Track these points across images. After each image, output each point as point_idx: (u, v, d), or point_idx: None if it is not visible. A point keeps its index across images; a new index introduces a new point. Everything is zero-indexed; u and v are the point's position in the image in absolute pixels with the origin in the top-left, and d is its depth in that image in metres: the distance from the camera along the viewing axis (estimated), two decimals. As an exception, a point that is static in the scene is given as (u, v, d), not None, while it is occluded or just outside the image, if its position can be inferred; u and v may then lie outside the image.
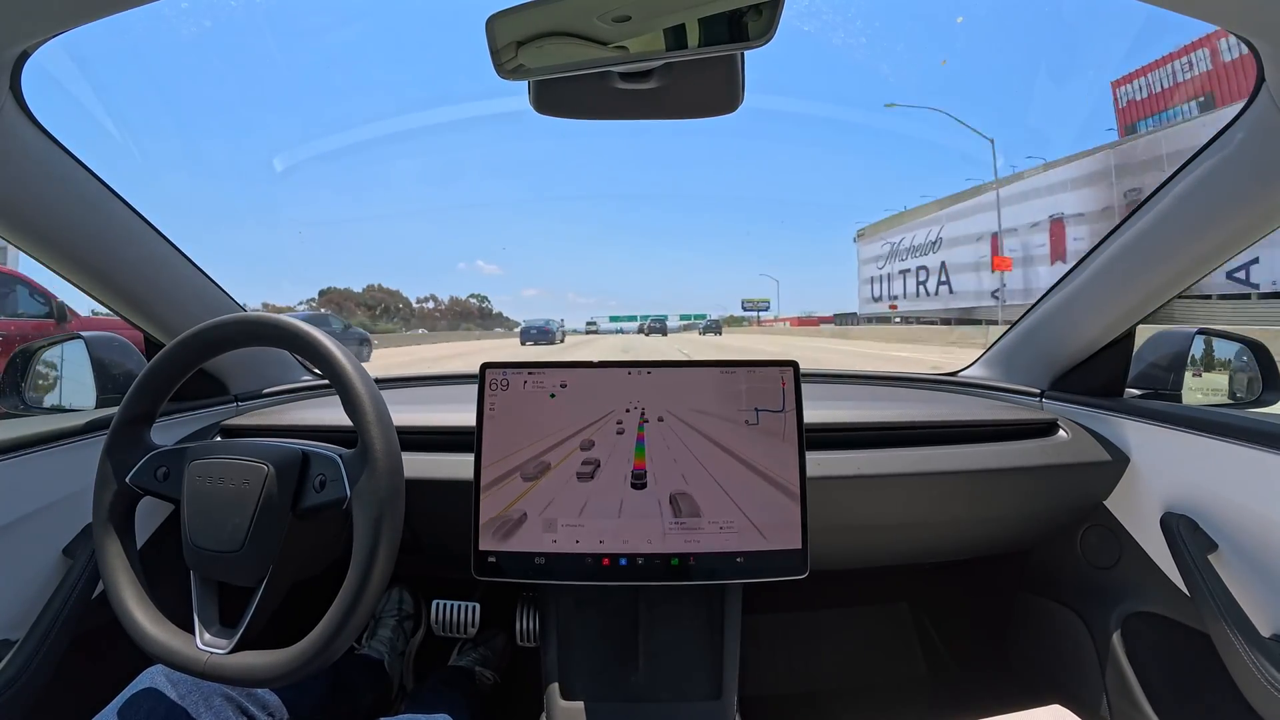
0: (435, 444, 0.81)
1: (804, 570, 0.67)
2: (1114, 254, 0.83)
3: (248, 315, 0.66)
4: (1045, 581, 1.04)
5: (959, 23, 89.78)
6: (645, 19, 0.50)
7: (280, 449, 0.63)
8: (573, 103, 0.63)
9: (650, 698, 0.70)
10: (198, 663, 0.58)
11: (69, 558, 0.74)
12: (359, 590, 0.56)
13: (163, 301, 0.87)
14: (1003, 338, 1.12)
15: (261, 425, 0.90)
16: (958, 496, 0.87)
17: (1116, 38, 36.91)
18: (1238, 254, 0.74)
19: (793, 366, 0.71)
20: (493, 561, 0.68)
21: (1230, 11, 0.53)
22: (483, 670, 1.11)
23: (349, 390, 0.60)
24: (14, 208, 0.68)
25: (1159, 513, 0.81)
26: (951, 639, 1.28)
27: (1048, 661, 1.02)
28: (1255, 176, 0.65)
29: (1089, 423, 0.92)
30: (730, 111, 0.63)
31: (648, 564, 0.68)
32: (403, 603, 1.18)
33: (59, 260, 0.75)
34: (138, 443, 0.66)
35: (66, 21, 0.54)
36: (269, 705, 0.69)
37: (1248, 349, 0.93)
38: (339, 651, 0.57)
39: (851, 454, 0.82)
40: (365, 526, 0.57)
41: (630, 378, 0.71)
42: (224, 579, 0.63)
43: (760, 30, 0.49)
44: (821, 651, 1.31)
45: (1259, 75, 0.59)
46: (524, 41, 0.52)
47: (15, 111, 0.62)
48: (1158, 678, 0.83)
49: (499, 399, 0.71)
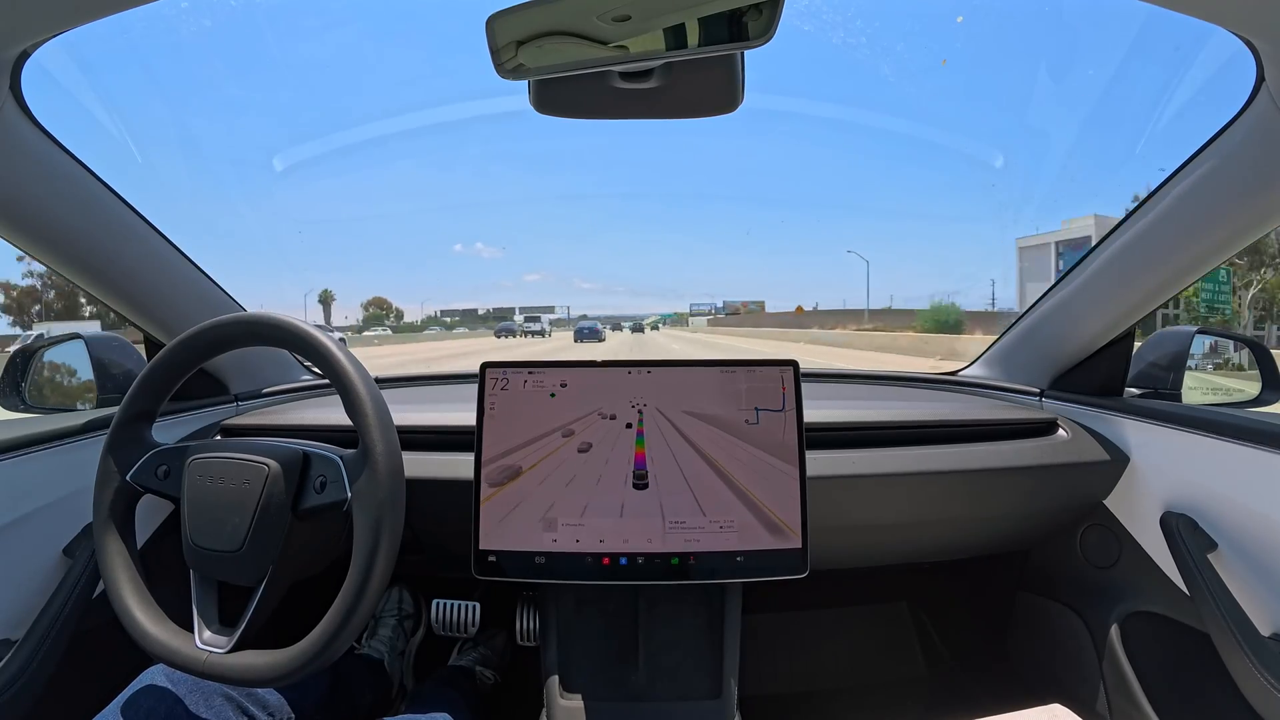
0: (435, 444, 0.81)
1: (804, 570, 0.67)
2: (1114, 254, 0.83)
3: (248, 315, 0.66)
4: (1045, 581, 1.04)
5: (959, 22, 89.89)
6: (645, 19, 0.50)
7: (281, 449, 0.63)
8: (573, 102, 0.63)
9: (650, 697, 0.70)
10: (198, 662, 0.58)
11: (69, 557, 0.74)
12: (359, 590, 0.56)
13: (163, 301, 0.87)
14: (1002, 337, 1.12)
15: (262, 425, 0.90)
16: (957, 496, 0.87)
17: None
18: (1237, 253, 0.74)
19: (793, 366, 0.71)
20: (493, 561, 0.68)
21: (1230, 11, 0.53)
22: (483, 670, 1.11)
23: (349, 390, 0.60)
24: (14, 208, 0.68)
25: (1159, 512, 0.81)
26: (951, 638, 1.28)
27: (1047, 661, 1.02)
28: (1254, 176, 0.65)
29: (1089, 422, 0.92)
30: (730, 111, 0.63)
31: (648, 563, 0.68)
32: (403, 602, 1.17)
33: (59, 260, 0.75)
34: (138, 441, 0.66)
35: (66, 21, 0.54)
36: (269, 705, 0.69)
37: (1248, 349, 0.93)
38: (339, 651, 0.57)
39: (851, 454, 0.82)
40: (366, 527, 0.57)
41: (630, 377, 0.71)
42: (224, 578, 0.62)
43: (760, 30, 0.49)
44: (821, 651, 1.31)
45: (1259, 75, 0.59)
46: (524, 41, 0.52)
47: (15, 111, 0.62)
48: (1157, 677, 0.83)
49: (499, 398, 0.71)
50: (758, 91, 0.63)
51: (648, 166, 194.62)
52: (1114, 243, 0.83)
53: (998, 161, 61.86)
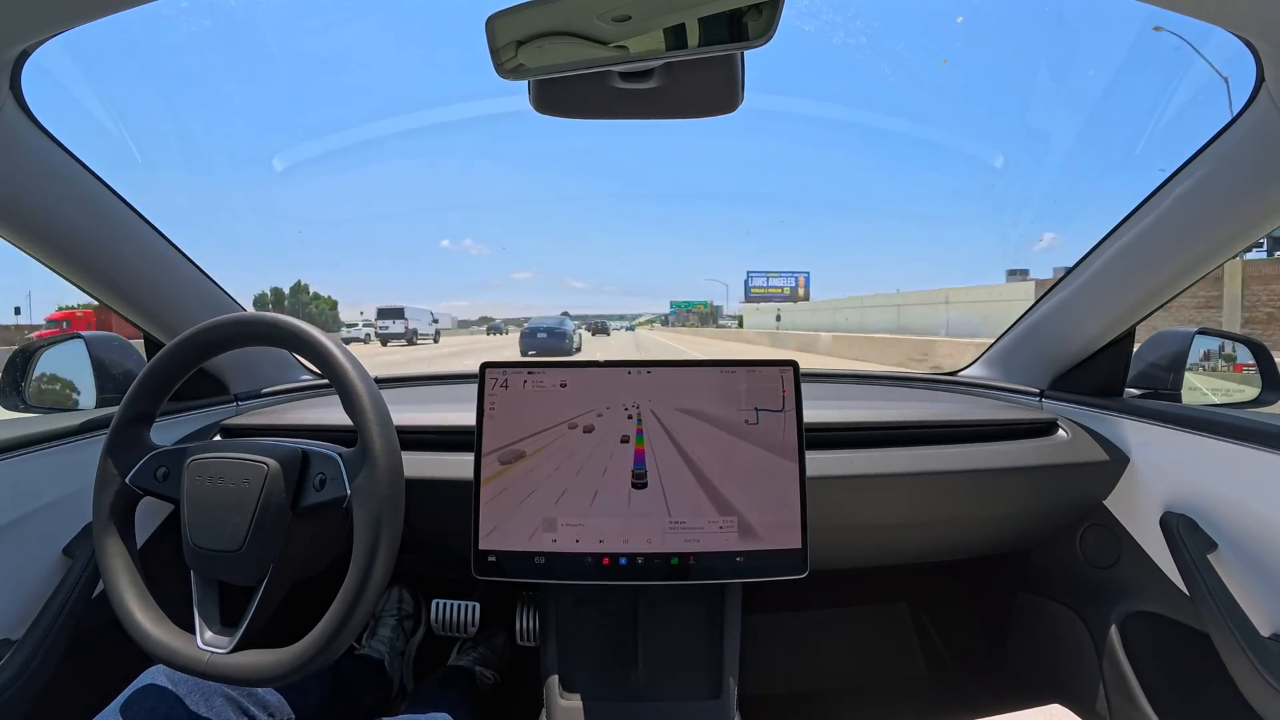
0: (435, 443, 0.81)
1: (804, 570, 0.67)
2: (1114, 254, 0.83)
3: (248, 315, 0.66)
4: (1045, 581, 1.04)
5: (959, 22, 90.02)
6: (645, 19, 0.50)
7: (280, 448, 0.63)
8: (572, 102, 0.63)
9: (650, 697, 0.70)
10: (198, 662, 0.58)
11: (69, 557, 0.74)
12: (359, 590, 0.56)
13: (163, 301, 0.87)
14: (1003, 337, 1.12)
15: (261, 425, 0.90)
16: (957, 496, 0.87)
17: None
18: (1237, 253, 0.74)
19: (793, 366, 0.71)
20: (493, 561, 0.68)
21: (1230, 11, 0.53)
22: (483, 670, 1.11)
23: (349, 390, 0.60)
24: (14, 208, 0.68)
25: (1158, 512, 0.81)
26: (951, 639, 1.28)
27: (1047, 661, 1.02)
28: (1255, 176, 0.65)
29: (1089, 422, 0.92)
30: (730, 111, 0.63)
31: (647, 564, 0.68)
32: (403, 602, 1.18)
33: (59, 260, 0.75)
34: (138, 442, 0.66)
35: (66, 21, 0.54)
36: (269, 705, 0.69)
37: (1248, 349, 0.93)
38: (339, 651, 0.57)
39: (851, 454, 0.82)
40: (365, 526, 0.57)
41: (631, 377, 0.71)
42: (224, 578, 0.62)
43: (760, 30, 0.49)
44: (821, 651, 1.31)
45: (1259, 75, 0.59)
46: (524, 41, 0.52)
47: (15, 111, 0.62)
48: (1157, 677, 0.83)
49: (499, 398, 0.71)
50: (758, 91, 0.63)
51: (644, 166, 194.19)
52: (1114, 243, 0.83)
53: (998, 162, 61.84)
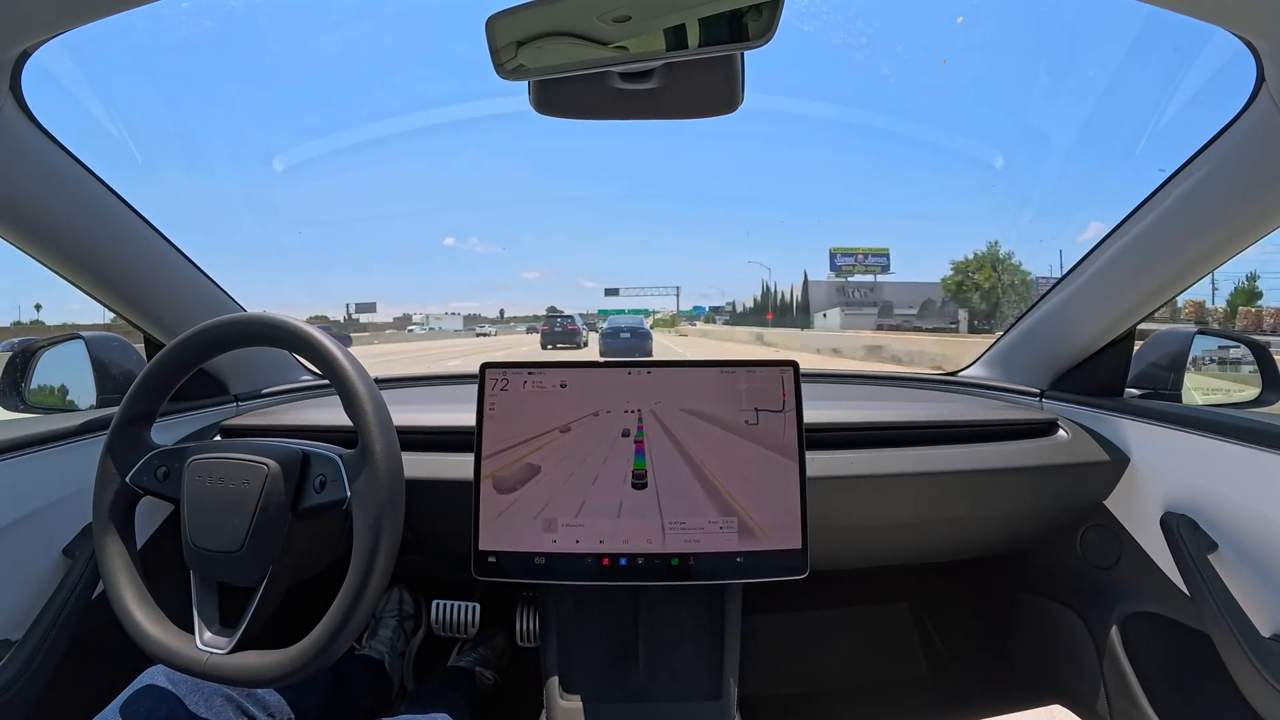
0: (435, 444, 0.81)
1: (804, 570, 0.67)
2: (1114, 254, 0.83)
3: (247, 315, 0.66)
4: (1045, 581, 1.04)
5: (959, 23, 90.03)
6: (645, 19, 0.50)
7: (280, 449, 0.63)
8: (573, 103, 0.63)
9: (650, 698, 0.70)
10: (198, 663, 0.58)
11: (69, 558, 0.74)
12: (359, 590, 0.56)
13: (163, 301, 0.87)
14: (1003, 337, 1.12)
15: (261, 425, 0.90)
16: (958, 496, 0.87)
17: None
18: (1237, 254, 0.74)
19: (793, 366, 0.71)
20: (493, 561, 0.68)
21: (1230, 11, 0.53)
22: (483, 670, 1.11)
23: (349, 390, 0.60)
24: (14, 208, 0.68)
25: (1159, 512, 0.81)
26: (952, 639, 1.28)
27: (1048, 661, 1.02)
28: (1255, 176, 0.65)
29: (1089, 422, 0.92)
30: (730, 111, 0.62)
31: (648, 564, 0.68)
32: (403, 603, 1.17)
33: (59, 260, 0.75)
34: (138, 442, 0.66)
35: (66, 21, 0.54)
36: (269, 705, 0.69)
37: (1248, 349, 0.93)
38: (339, 651, 0.57)
39: (851, 454, 0.82)
40: (365, 527, 0.57)
41: (631, 377, 0.71)
42: (224, 579, 0.62)
43: (760, 30, 0.49)
44: (821, 651, 1.31)
45: (1259, 75, 0.59)
46: (524, 41, 0.52)
47: (15, 111, 0.62)
48: (1157, 677, 0.83)
49: (499, 399, 0.71)
50: (758, 92, 0.63)
51: (653, 167, 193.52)
52: (1114, 243, 0.83)
53: (998, 162, 61.93)
